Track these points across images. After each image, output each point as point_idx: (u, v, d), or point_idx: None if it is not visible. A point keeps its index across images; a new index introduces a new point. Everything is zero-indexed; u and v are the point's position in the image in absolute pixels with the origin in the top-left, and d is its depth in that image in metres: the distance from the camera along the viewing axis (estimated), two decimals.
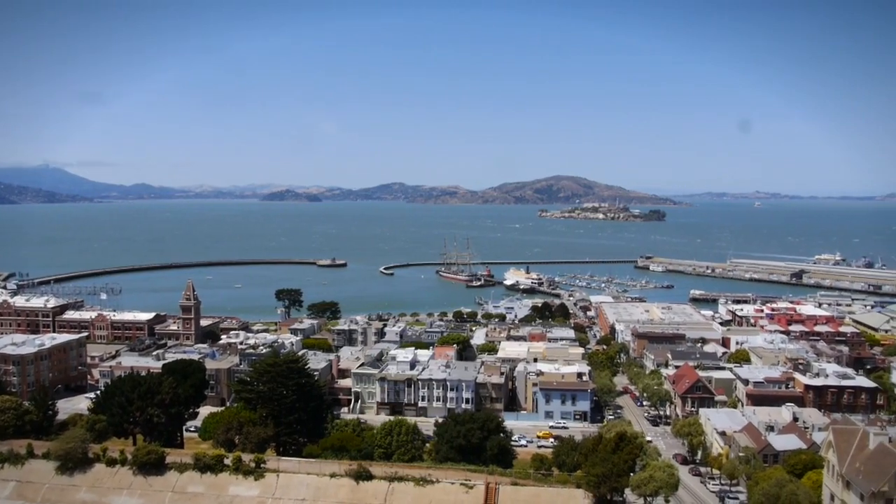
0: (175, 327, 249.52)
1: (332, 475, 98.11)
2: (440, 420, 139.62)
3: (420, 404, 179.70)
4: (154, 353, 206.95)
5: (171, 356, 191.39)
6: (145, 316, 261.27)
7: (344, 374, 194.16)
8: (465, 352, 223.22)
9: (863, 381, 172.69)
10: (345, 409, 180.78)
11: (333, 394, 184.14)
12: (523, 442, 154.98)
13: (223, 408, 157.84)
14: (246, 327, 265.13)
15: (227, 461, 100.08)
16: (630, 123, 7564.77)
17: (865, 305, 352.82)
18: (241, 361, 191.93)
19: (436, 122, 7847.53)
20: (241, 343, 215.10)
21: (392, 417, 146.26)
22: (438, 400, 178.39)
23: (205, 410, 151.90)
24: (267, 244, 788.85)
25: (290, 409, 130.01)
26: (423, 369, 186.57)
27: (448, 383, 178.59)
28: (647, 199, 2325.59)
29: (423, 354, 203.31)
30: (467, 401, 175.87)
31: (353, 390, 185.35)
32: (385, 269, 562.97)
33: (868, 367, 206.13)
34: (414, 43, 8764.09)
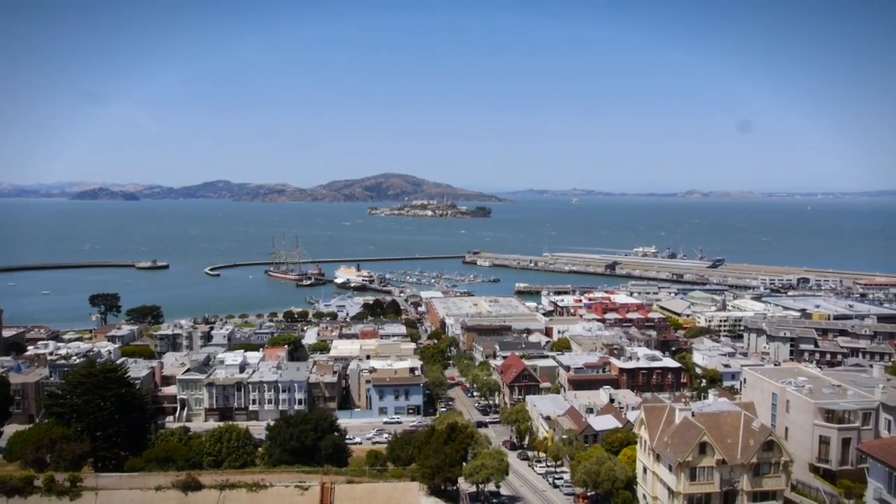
0: None
1: (158, 488, 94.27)
2: (272, 423, 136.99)
3: (251, 408, 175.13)
4: None
5: None
6: None
7: (168, 381, 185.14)
8: (297, 352, 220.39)
9: (669, 363, 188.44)
10: (170, 418, 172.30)
11: (157, 402, 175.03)
12: (358, 440, 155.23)
13: (31, 425, 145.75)
14: (56, 336, 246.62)
15: (38, 482, 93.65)
16: (455, 121, 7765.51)
17: (670, 293, 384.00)
18: (52, 373, 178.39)
19: (262, 121, 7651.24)
20: (50, 354, 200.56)
21: (222, 423, 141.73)
22: (270, 402, 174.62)
23: (10, 429, 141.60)
24: (79, 246, 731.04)
25: (108, 422, 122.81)
26: (254, 372, 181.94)
27: (280, 385, 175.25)
28: (473, 196, 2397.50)
29: (253, 357, 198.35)
30: (300, 401, 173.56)
31: (178, 397, 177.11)
32: (211, 269, 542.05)
33: (673, 349, 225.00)
34: (234, 43, 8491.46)
